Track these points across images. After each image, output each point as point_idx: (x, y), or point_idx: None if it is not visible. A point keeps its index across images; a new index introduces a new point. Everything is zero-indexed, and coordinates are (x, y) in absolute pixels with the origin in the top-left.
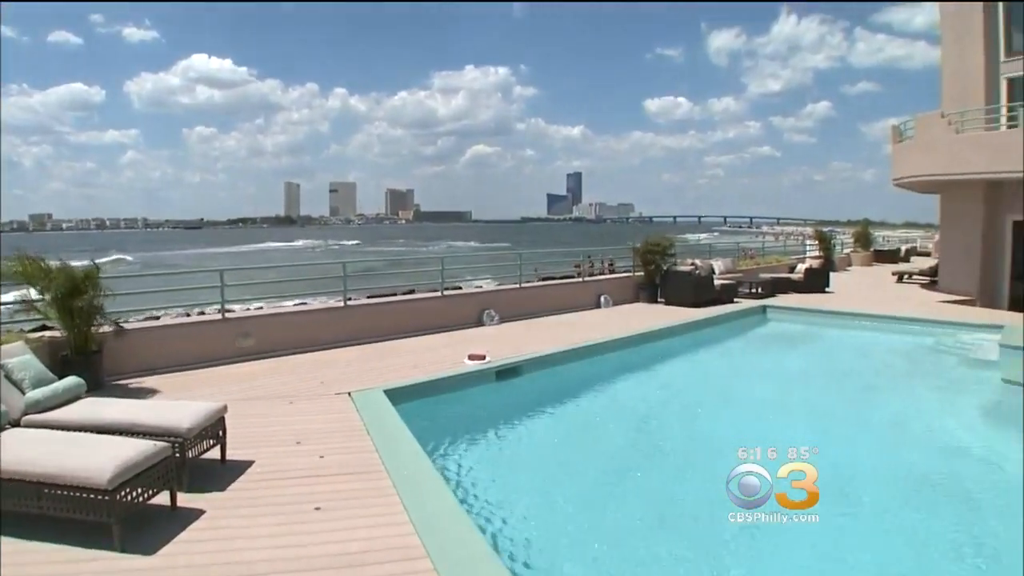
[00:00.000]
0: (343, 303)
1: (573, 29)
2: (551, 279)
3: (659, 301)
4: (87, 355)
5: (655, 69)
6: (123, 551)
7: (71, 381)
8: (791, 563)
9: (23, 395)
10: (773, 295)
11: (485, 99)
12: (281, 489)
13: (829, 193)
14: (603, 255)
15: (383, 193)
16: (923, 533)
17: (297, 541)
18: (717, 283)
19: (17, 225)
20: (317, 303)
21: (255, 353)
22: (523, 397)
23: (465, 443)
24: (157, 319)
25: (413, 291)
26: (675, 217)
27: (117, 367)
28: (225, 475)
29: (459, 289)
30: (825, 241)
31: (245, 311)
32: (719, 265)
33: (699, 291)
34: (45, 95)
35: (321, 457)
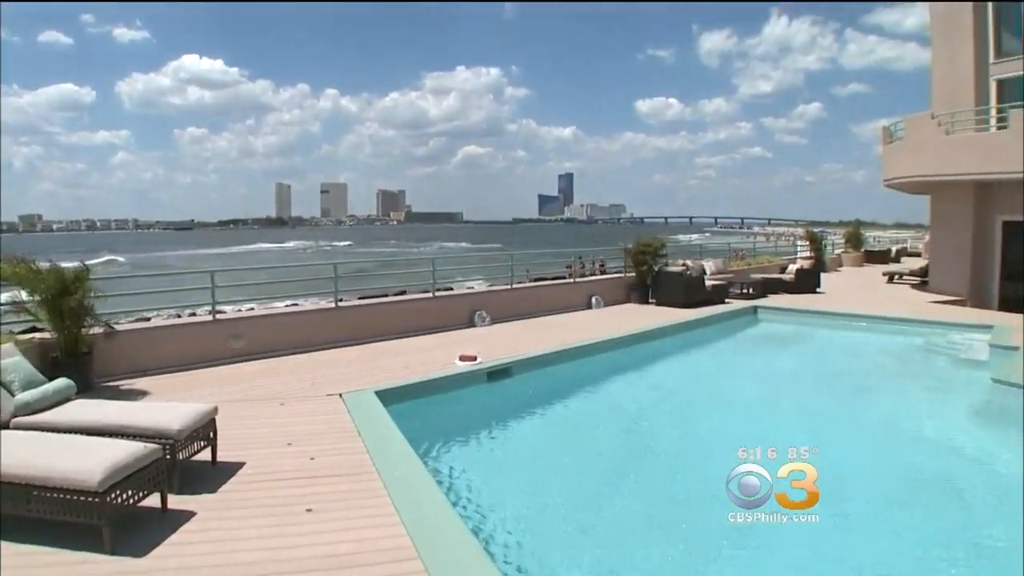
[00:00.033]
0: (334, 304)
1: (564, 30)
2: (542, 280)
3: (650, 302)
4: (77, 357)
5: (646, 70)
6: (113, 553)
7: (61, 383)
8: (783, 563)
9: (12, 397)
10: (764, 296)
11: (476, 100)
12: (272, 491)
13: (820, 194)
14: (594, 256)
15: (374, 194)
16: (914, 533)
17: (288, 543)
18: (708, 284)
19: (7, 226)
20: (308, 304)
21: (246, 354)
22: (514, 398)
23: (456, 444)
24: (148, 320)
25: (404, 292)
26: (666, 218)
27: (108, 368)
28: (216, 477)
29: (450, 290)
30: (816, 242)
31: (236, 312)
32: (710, 266)
33: (690, 292)
34: (35, 95)
35: (312, 458)
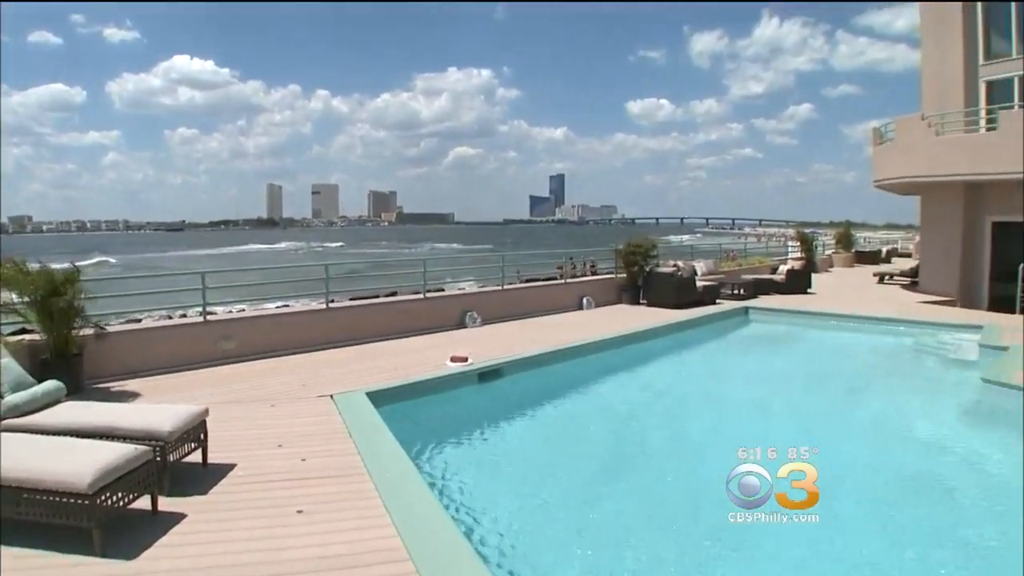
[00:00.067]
0: (325, 305)
1: (556, 31)
2: (533, 281)
3: (641, 302)
4: (67, 358)
5: (638, 71)
6: (103, 556)
7: (50, 385)
8: (775, 563)
9: (1, 399)
10: (755, 296)
11: (468, 101)
12: (263, 492)
13: (811, 195)
14: (585, 257)
15: (365, 195)
16: (905, 532)
17: (279, 544)
18: (699, 284)
19: None
20: (299, 305)
21: (237, 356)
22: (506, 399)
23: (448, 445)
24: (139, 322)
25: (396, 293)
26: (657, 219)
27: (98, 370)
28: (206, 478)
29: (442, 291)
30: (807, 242)
31: (227, 313)
32: (701, 266)
33: (681, 292)
34: (25, 96)
35: (303, 460)
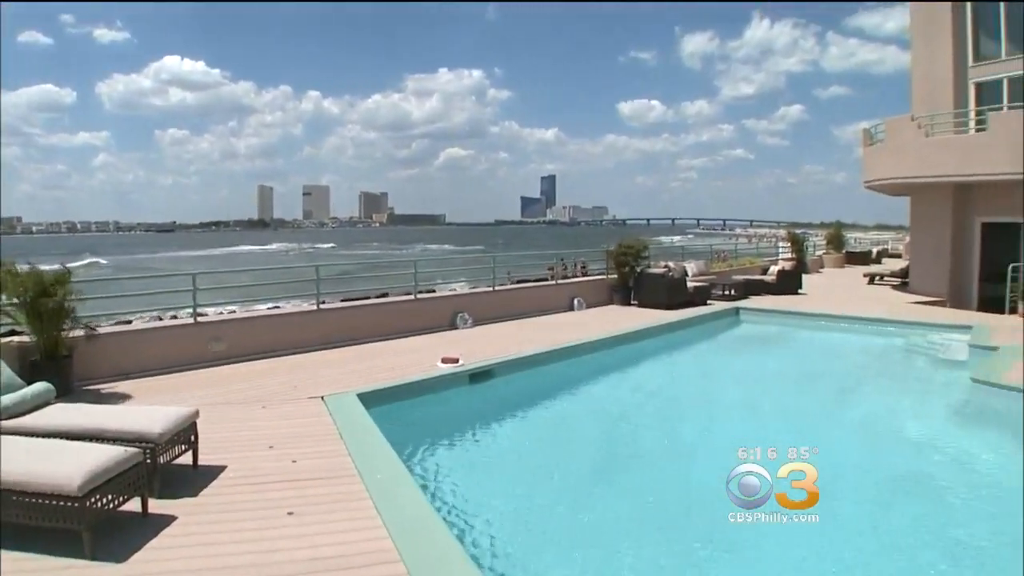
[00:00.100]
0: (316, 307)
1: (547, 32)
2: (524, 282)
3: (632, 303)
4: (57, 360)
5: (629, 72)
6: (93, 559)
7: (40, 387)
8: (767, 563)
9: None
10: (746, 297)
11: (459, 102)
12: (254, 494)
13: (802, 195)
14: (576, 258)
15: (357, 196)
16: (895, 532)
17: (270, 546)
18: (690, 285)
19: None
20: (290, 306)
21: (227, 357)
22: (497, 400)
23: (439, 446)
24: (129, 323)
25: (386, 294)
26: (648, 220)
27: (88, 372)
28: (197, 480)
29: (433, 292)
30: (798, 243)
31: (218, 315)
32: (692, 267)
33: (672, 293)
34: (15, 96)
35: (294, 462)
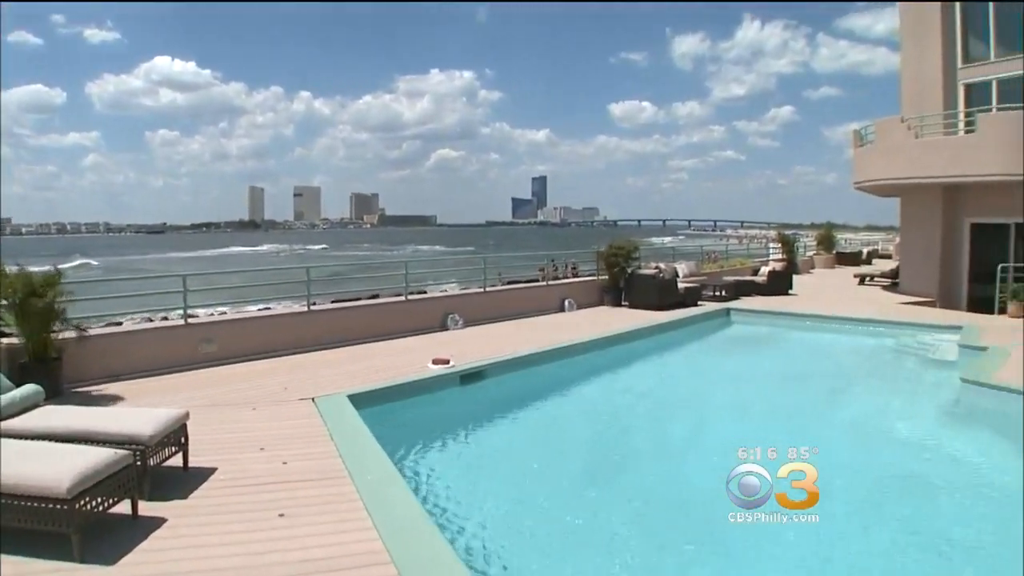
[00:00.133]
0: (307, 308)
1: (538, 33)
2: (515, 283)
3: (623, 304)
4: (46, 362)
5: (620, 73)
6: (83, 561)
7: (29, 389)
8: (759, 563)
9: None
10: (737, 298)
11: (450, 103)
12: (244, 496)
13: (792, 196)
14: (566, 259)
15: (348, 197)
16: (886, 532)
17: (260, 548)
18: (681, 286)
19: None
20: (281, 308)
21: (218, 359)
22: (488, 401)
23: (429, 448)
24: (119, 324)
25: (377, 295)
26: (639, 220)
27: (78, 374)
28: (187, 482)
29: (423, 293)
30: (788, 244)
31: (208, 316)
32: (683, 268)
33: (663, 294)
34: (6, 95)
35: (284, 463)
